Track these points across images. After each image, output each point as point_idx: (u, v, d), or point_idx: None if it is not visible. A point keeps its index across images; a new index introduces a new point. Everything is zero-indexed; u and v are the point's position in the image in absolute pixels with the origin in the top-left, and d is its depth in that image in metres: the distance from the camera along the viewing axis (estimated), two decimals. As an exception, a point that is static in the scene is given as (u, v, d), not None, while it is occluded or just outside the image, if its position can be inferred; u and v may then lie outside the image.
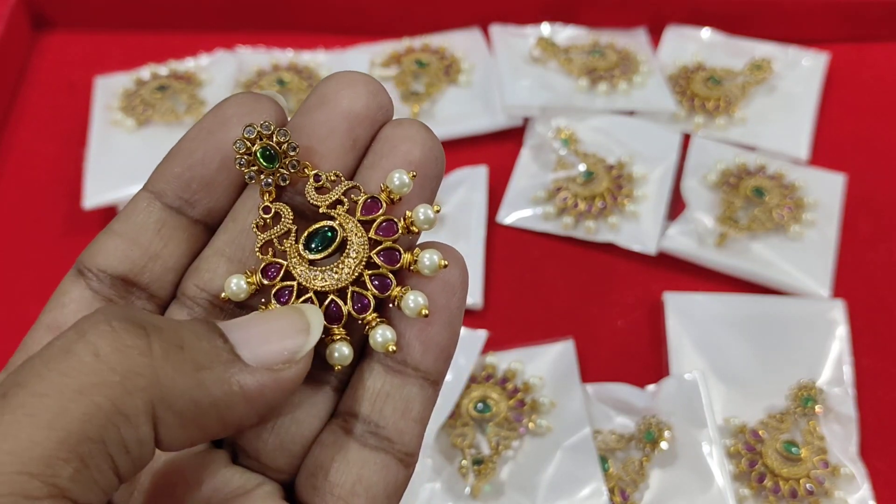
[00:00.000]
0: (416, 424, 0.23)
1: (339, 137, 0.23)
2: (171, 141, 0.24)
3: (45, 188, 0.59)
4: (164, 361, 0.18)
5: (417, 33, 0.66)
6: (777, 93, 0.64)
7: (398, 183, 0.22)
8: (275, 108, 0.23)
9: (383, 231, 0.23)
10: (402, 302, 0.22)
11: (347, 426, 0.23)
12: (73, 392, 0.17)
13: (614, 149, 0.60)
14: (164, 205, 0.23)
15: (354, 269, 0.23)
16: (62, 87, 0.65)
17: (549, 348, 0.50)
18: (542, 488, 0.45)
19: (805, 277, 0.54)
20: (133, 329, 0.18)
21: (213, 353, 0.20)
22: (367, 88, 0.23)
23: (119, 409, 0.18)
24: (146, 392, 0.18)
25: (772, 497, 0.45)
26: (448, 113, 0.62)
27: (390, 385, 0.23)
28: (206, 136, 0.23)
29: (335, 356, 0.23)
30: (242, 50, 0.65)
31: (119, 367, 0.18)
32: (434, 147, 0.23)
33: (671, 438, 0.46)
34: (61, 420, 0.17)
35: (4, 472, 0.16)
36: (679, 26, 0.67)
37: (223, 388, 0.19)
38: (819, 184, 0.58)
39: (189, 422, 0.19)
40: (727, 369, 0.50)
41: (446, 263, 0.22)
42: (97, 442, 0.17)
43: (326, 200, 0.23)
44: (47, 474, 0.16)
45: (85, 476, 0.17)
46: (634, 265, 0.56)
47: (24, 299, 0.54)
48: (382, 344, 0.22)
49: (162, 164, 0.23)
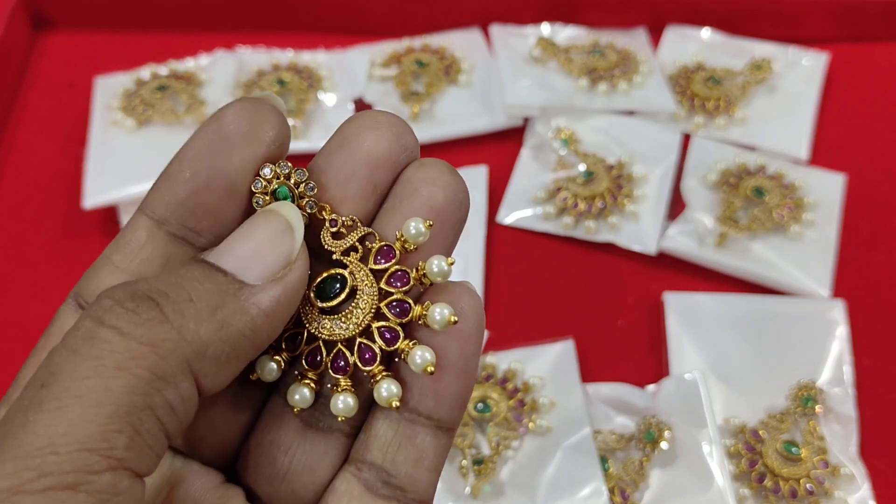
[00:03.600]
0: (430, 473, 0.23)
1: (359, 182, 0.23)
2: (171, 141, 0.24)
3: (45, 188, 0.59)
4: (182, 320, 0.19)
5: (417, 33, 0.66)
6: (777, 93, 0.64)
7: (413, 232, 0.22)
8: (278, 119, 0.22)
9: (395, 281, 0.22)
10: (409, 357, 0.22)
11: (360, 474, 0.23)
12: (112, 370, 0.18)
13: (614, 149, 0.60)
14: (167, 234, 0.22)
15: (362, 321, 0.22)
16: (62, 87, 0.65)
17: (549, 348, 0.50)
18: (542, 488, 0.45)
19: (805, 277, 0.54)
20: (145, 303, 0.19)
21: (220, 291, 0.20)
22: (391, 131, 0.23)
23: (158, 375, 0.18)
24: (177, 352, 0.19)
25: (772, 497, 0.45)
26: (448, 113, 0.62)
27: (402, 434, 0.23)
28: (208, 158, 0.22)
29: (339, 407, 0.22)
30: (242, 50, 0.65)
31: (146, 339, 0.18)
32: (458, 190, 0.23)
33: (671, 438, 0.46)
34: (108, 396, 0.17)
35: (64, 451, 0.17)
36: (679, 26, 0.67)
37: (243, 317, 0.20)
38: (819, 184, 0.58)
39: (224, 361, 0.20)
40: (727, 369, 0.50)
41: (456, 319, 0.22)
42: (145, 409, 0.18)
43: (341, 247, 0.23)
44: (104, 448, 0.17)
45: (138, 443, 0.18)
46: (634, 265, 0.56)
47: (24, 299, 0.54)
48: (387, 399, 0.22)
49: (160, 186, 0.22)
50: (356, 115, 0.23)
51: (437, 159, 0.23)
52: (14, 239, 0.57)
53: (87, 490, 0.17)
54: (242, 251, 0.21)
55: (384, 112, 0.23)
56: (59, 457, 0.17)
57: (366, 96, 0.62)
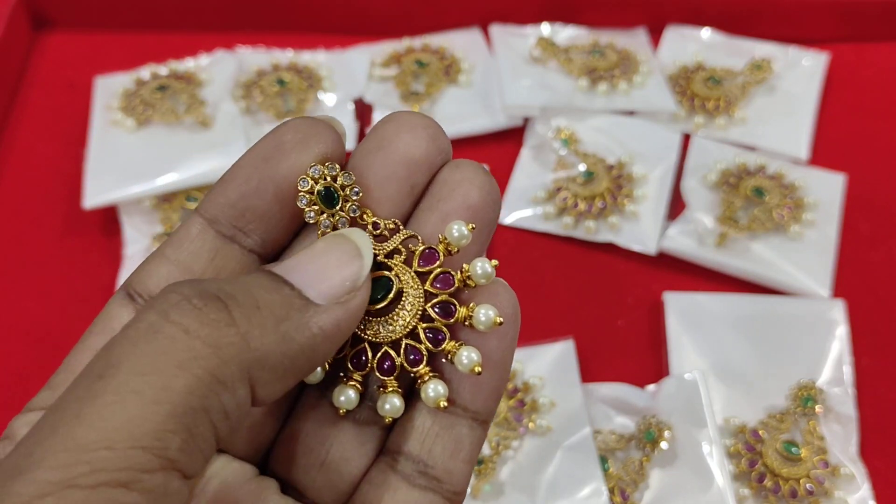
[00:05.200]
0: (465, 465, 0.23)
1: (397, 184, 0.23)
2: (171, 141, 0.24)
3: (45, 188, 0.59)
4: (248, 326, 0.19)
5: (417, 33, 0.66)
6: (777, 93, 0.64)
7: (457, 235, 0.22)
8: (332, 136, 0.23)
9: (440, 283, 0.23)
10: (456, 358, 0.22)
11: (396, 464, 0.23)
12: (174, 367, 0.18)
13: (614, 149, 0.60)
14: (217, 232, 0.23)
15: (409, 322, 0.23)
16: (62, 87, 0.65)
17: (549, 348, 0.50)
18: (542, 488, 0.45)
19: (805, 277, 0.54)
20: (213, 303, 0.19)
21: (286, 304, 0.20)
22: (426, 133, 0.23)
23: (218, 379, 0.18)
24: (239, 358, 0.19)
25: (772, 497, 0.45)
26: (448, 113, 0.62)
27: (440, 425, 0.23)
28: (260, 164, 0.23)
29: (387, 408, 0.23)
30: (242, 50, 0.65)
31: (210, 340, 0.18)
32: (492, 191, 0.23)
33: (671, 438, 0.46)
34: (166, 394, 0.17)
35: (119, 447, 0.17)
36: (679, 26, 0.67)
37: (305, 333, 0.20)
38: (819, 184, 0.58)
39: (281, 374, 0.20)
40: (727, 369, 0.50)
41: (502, 321, 0.22)
42: (200, 412, 0.18)
43: (384, 249, 0.23)
44: (158, 447, 0.17)
45: (191, 446, 0.18)
46: (634, 265, 0.56)
47: (24, 299, 0.54)
48: (434, 399, 0.22)
49: (216, 189, 0.23)
50: (391, 117, 0.24)
51: (471, 160, 0.24)
52: (14, 239, 0.57)
53: (138, 489, 0.17)
54: (310, 269, 0.21)
55: (418, 114, 0.24)
56: (113, 453, 0.16)
57: (366, 96, 0.62)
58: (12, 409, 0.51)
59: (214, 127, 0.58)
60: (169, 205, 0.56)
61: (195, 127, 0.58)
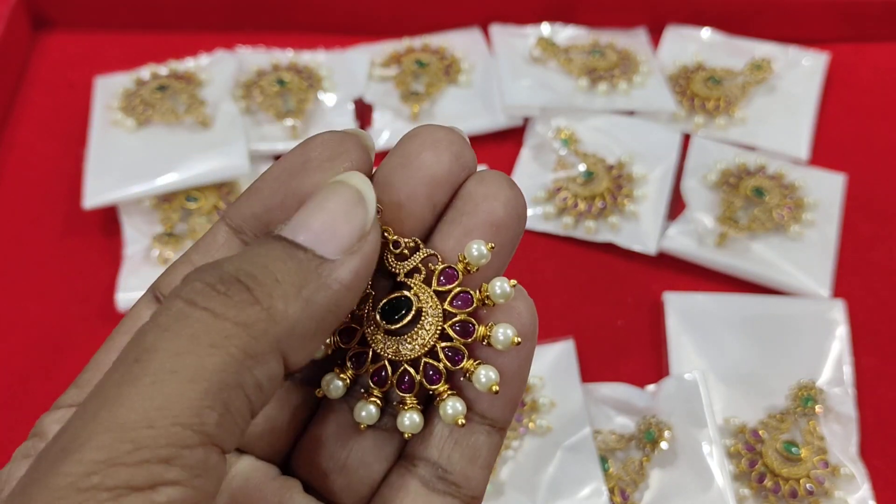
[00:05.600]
0: (483, 470, 0.24)
1: (418, 201, 0.23)
2: (171, 141, 0.24)
3: (45, 188, 0.59)
4: (271, 301, 0.19)
5: (417, 33, 0.66)
6: (777, 93, 0.64)
7: (476, 254, 0.23)
8: (359, 152, 0.23)
9: (459, 302, 0.23)
10: (474, 376, 0.23)
11: (415, 470, 0.24)
12: (208, 347, 0.18)
13: (614, 149, 0.60)
14: (242, 241, 0.24)
15: (428, 341, 0.23)
16: (62, 87, 0.65)
17: (549, 348, 0.50)
18: (542, 488, 0.45)
19: (805, 277, 0.54)
20: (234, 285, 0.19)
21: (303, 269, 0.20)
22: (450, 150, 0.23)
23: (250, 355, 0.19)
24: (269, 333, 0.19)
25: (772, 497, 0.45)
26: (448, 113, 0.62)
27: (458, 432, 0.24)
28: (286, 179, 0.23)
29: (406, 424, 0.23)
30: (242, 50, 0.65)
31: (239, 320, 0.19)
32: (518, 205, 0.23)
33: (671, 438, 0.46)
34: (202, 373, 0.18)
35: (160, 425, 0.17)
36: (679, 26, 0.67)
37: (327, 292, 0.20)
38: (819, 184, 0.58)
39: (311, 337, 0.20)
40: (727, 369, 0.50)
41: (520, 341, 0.23)
42: (235, 387, 0.18)
43: (404, 268, 0.23)
44: (197, 423, 0.18)
45: (227, 420, 0.18)
46: (634, 265, 0.56)
47: (24, 299, 0.54)
48: (452, 416, 0.23)
49: (242, 199, 0.24)
50: (416, 132, 0.24)
51: (498, 172, 0.24)
52: (14, 239, 0.57)
53: (180, 464, 0.17)
54: (317, 225, 0.21)
55: (443, 128, 0.23)
56: (154, 430, 0.17)
57: (366, 96, 0.62)
58: (12, 409, 0.51)
59: (214, 127, 0.58)
60: (169, 205, 0.56)
61: (195, 127, 0.58)
